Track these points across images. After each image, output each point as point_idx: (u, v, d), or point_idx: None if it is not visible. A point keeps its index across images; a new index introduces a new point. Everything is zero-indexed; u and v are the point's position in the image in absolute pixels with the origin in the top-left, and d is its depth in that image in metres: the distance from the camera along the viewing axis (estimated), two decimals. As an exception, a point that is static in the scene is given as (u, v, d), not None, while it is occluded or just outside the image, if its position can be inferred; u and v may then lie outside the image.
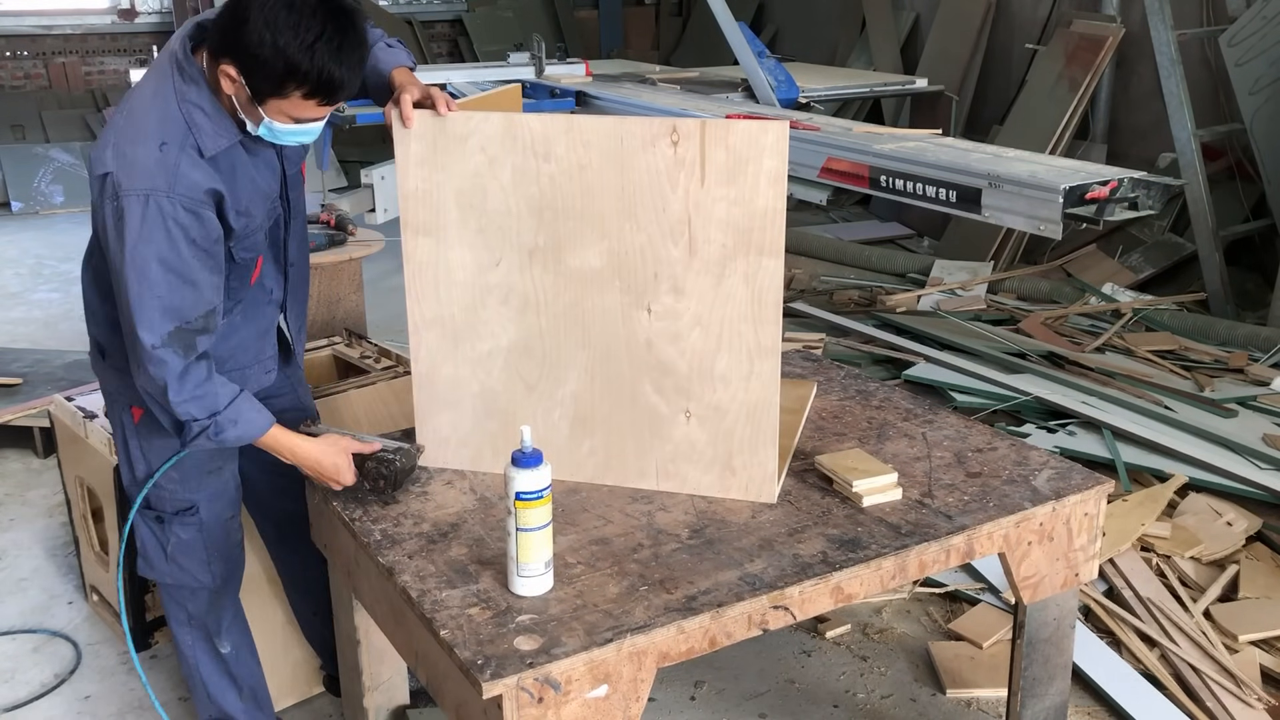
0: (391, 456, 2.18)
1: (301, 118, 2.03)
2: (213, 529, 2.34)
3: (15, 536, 3.65)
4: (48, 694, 2.89)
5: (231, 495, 2.38)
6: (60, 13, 9.11)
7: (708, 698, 2.83)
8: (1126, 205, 4.03)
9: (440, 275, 2.20)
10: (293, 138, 2.08)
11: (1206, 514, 3.48)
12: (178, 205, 1.97)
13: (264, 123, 2.03)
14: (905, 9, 8.18)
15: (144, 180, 1.97)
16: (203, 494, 2.31)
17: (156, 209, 1.96)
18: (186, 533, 2.32)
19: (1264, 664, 2.85)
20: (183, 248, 1.98)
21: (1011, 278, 5.96)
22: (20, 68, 8.99)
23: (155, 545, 2.34)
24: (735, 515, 2.12)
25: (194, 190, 1.99)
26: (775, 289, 2.05)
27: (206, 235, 2.02)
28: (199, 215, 2.00)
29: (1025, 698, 2.39)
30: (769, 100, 5.86)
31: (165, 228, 1.96)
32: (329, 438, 2.23)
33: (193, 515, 2.31)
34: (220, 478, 2.34)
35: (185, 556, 2.34)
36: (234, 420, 2.10)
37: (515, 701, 1.67)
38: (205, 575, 2.36)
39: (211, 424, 2.07)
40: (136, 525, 2.33)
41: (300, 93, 1.96)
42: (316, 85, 1.95)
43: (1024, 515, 2.16)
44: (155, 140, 1.99)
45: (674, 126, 2.00)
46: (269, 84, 1.96)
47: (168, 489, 2.29)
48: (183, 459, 2.27)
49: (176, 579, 2.36)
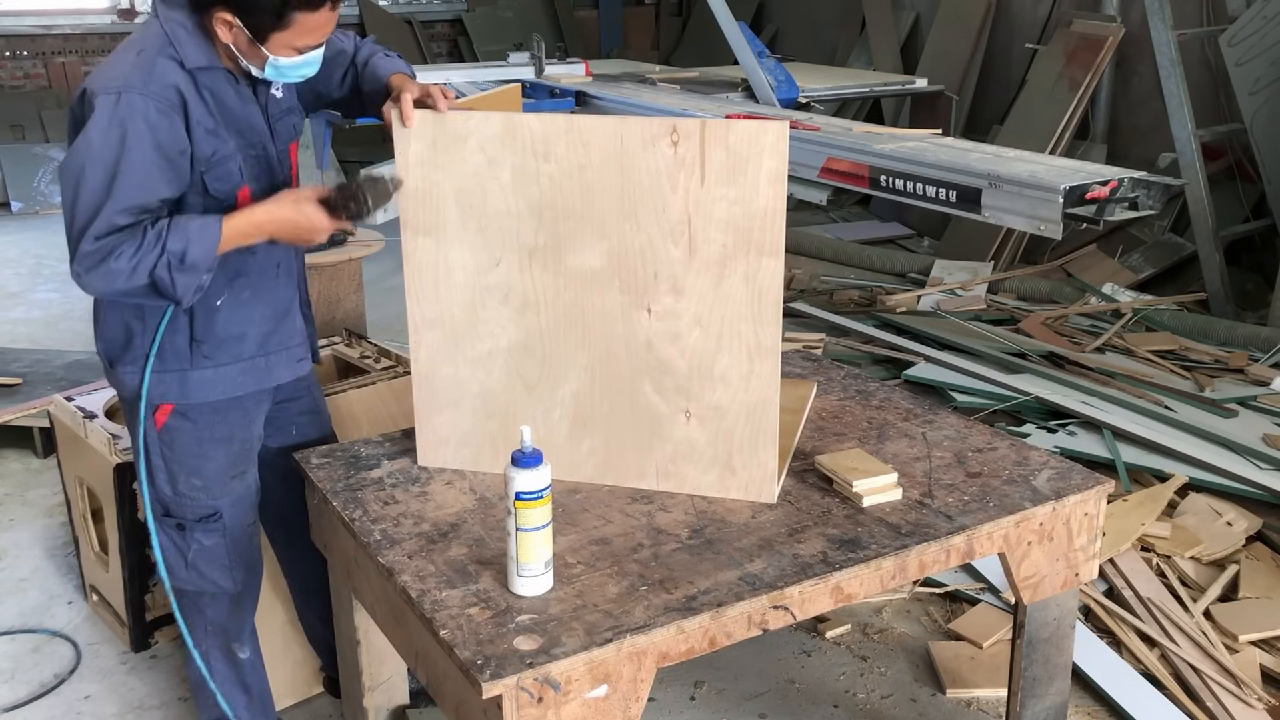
0: (356, 183, 2.10)
1: (305, 45, 2.04)
2: (236, 534, 2.33)
3: (15, 536, 3.65)
4: (47, 694, 2.89)
5: (253, 499, 2.38)
6: (60, 13, 9.10)
7: (708, 698, 2.83)
8: (1126, 205, 4.03)
9: (440, 275, 2.20)
10: (298, 71, 2.09)
11: (1206, 514, 3.48)
12: (150, 103, 1.94)
13: (269, 61, 2.03)
14: (905, 9, 8.18)
15: (117, 80, 1.95)
16: (226, 499, 2.30)
17: (128, 105, 1.93)
18: (210, 539, 2.30)
19: (1264, 664, 2.85)
20: (148, 149, 1.95)
21: (1011, 278, 5.96)
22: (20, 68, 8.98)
23: (176, 553, 2.31)
24: (735, 515, 2.12)
25: (168, 91, 1.97)
26: (775, 289, 2.05)
27: (174, 142, 1.99)
28: (171, 119, 1.97)
29: (1025, 698, 2.39)
30: (769, 100, 5.86)
31: (134, 124, 1.93)
32: (284, 192, 2.13)
33: (216, 521, 2.30)
34: (244, 482, 2.33)
35: (207, 563, 2.32)
36: (184, 238, 1.99)
37: (515, 701, 1.67)
38: (227, 581, 2.35)
39: (167, 258, 1.97)
40: (156, 534, 2.28)
41: (298, 12, 1.97)
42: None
43: (1024, 515, 2.16)
44: (134, 50, 2.00)
45: (674, 126, 2.00)
46: (268, 17, 1.96)
47: (190, 496, 2.27)
48: (203, 467, 2.24)
49: (197, 585, 2.34)
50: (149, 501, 2.28)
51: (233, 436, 2.28)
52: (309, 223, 2.11)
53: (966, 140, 5.20)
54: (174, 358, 2.19)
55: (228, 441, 2.28)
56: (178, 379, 2.20)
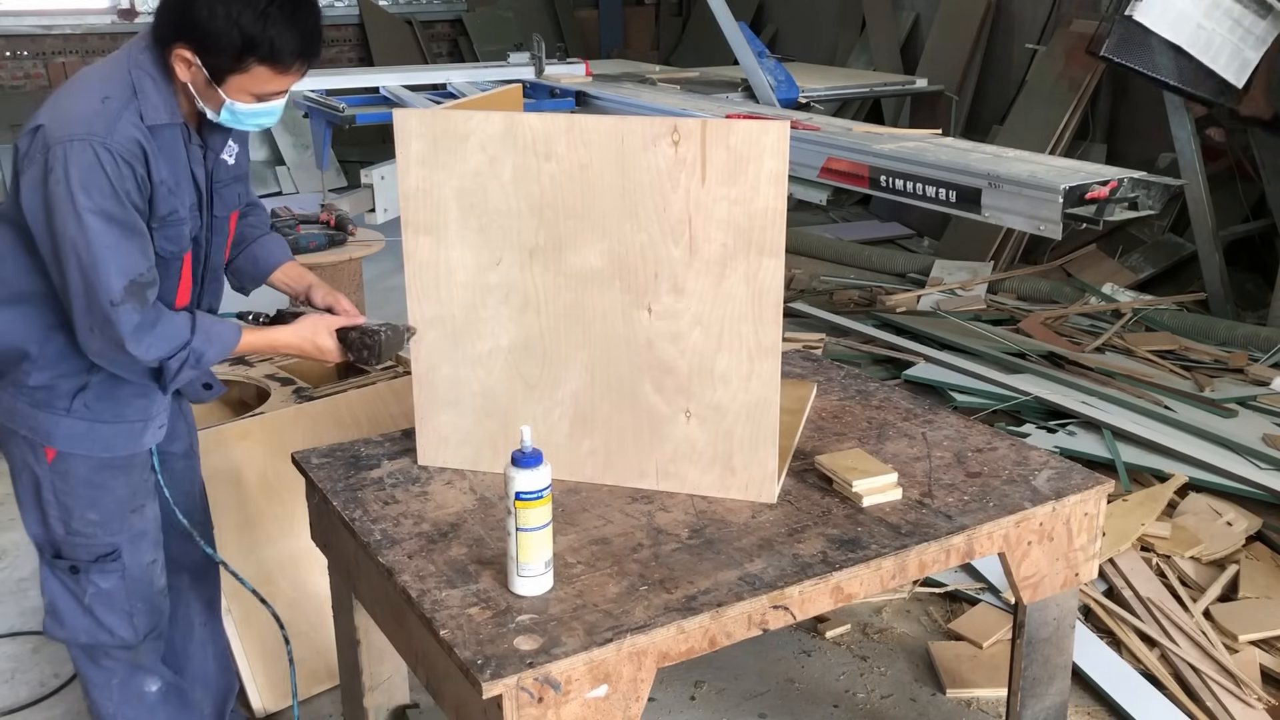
0: (377, 328, 2.17)
1: (264, 93, 1.98)
2: (135, 575, 2.18)
3: (15, 537, 3.65)
4: (48, 696, 2.89)
5: (154, 536, 2.23)
6: (60, 13, 9.10)
7: (708, 698, 2.83)
8: (1126, 205, 4.03)
9: (440, 274, 2.20)
10: (255, 120, 2.02)
11: (1206, 514, 3.48)
12: (116, 155, 1.88)
13: (225, 105, 1.97)
14: (905, 9, 8.18)
15: (81, 127, 1.87)
16: (124, 536, 2.15)
17: (93, 156, 1.86)
18: (107, 581, 2.15)
19: (1264, 664, 2.85)
20: (122, 198, 1.89)
21: (1011, 278, 5.96)
22: (20, 68, 8.98)
23: (69, 599, 2.15)
24: (735, 515, 2.12)
25: (130, 144, 1.90)
26: (775, 289, 2.05)
27: (140, 192, 1.93)
28: (134, 169, 1.91)
29: (1025, 698, 2.39)
30: (769, 100, 5.86)
31: (105, 175, 1.87)
32: (307, 319, 2.17)
33: (114, 561, 2.14)
34: (143, 517, 2.19)
35: (105, 609, 2.16)
36: (207, 339, 2.01)
37: (515, 701, 1.67)
38: (127, 630, 2.19)
39: (188, 354, 1.98)
40: (45, 580, 2.16)
41: (259, 63, 1.92)
42: (273, 51, 1.91)
43: (1024, 515, 2.16)
44: (98, 94, 1.92)
45: (675, 126, 2.00)
46: (227, 59, 1.91)
47: (85, 534, 2.12)
48: (100, 498, 2.11)
49: (93, 636, 2.18)
50: (37, 544, 2.15)
51: (132, 463, 2.16)
52: (320, 355, 2.17)
53: (966, 140, 5.20)
54: (54, 397, 2.06)
55: (126, 470, 2.15)
56: (50, 422, 2.07)
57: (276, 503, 2.84)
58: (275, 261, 2.36)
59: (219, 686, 2.56)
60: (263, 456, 2.87)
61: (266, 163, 8.75)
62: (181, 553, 2.40)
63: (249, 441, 2.88)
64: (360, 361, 2.18)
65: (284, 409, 3.00)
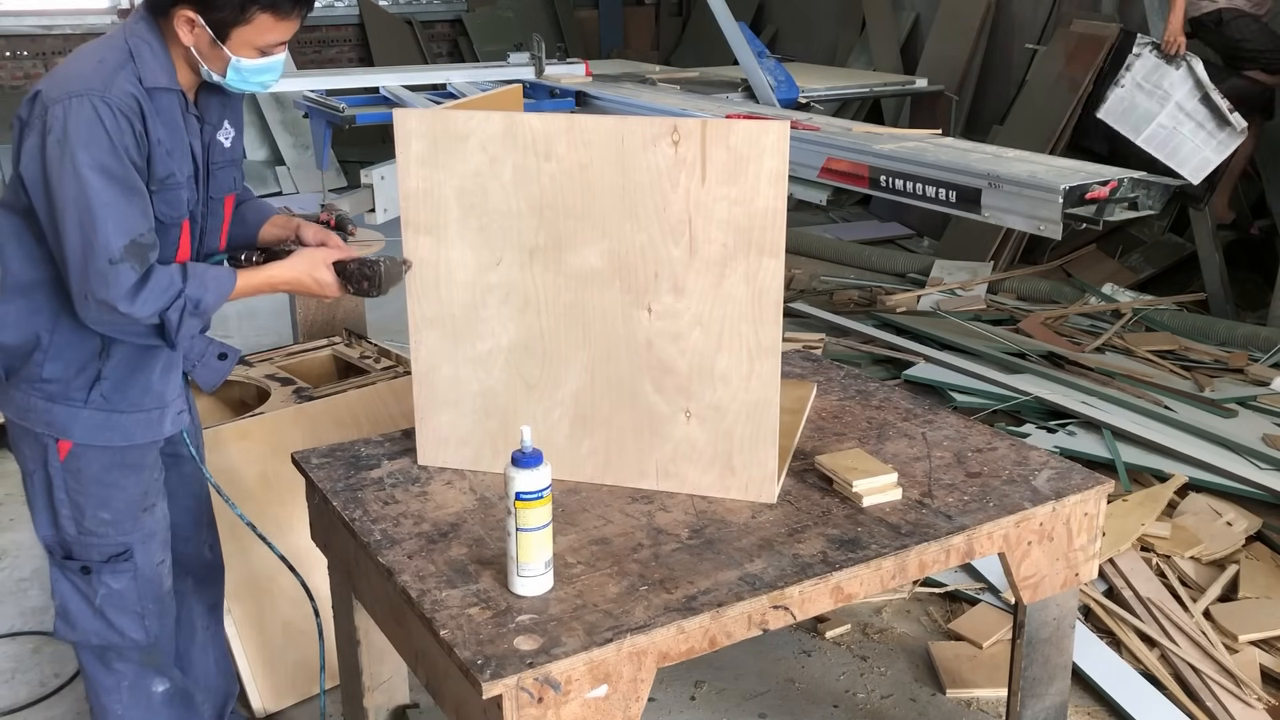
0: (376, 259, 2.16)
1: (267, 44, 2.00)
2: (147, 575, 2.19)
3: (16, 537, 3.65)
4: (49, 696, 2.89)
5: (164, 537, 2.24)
6: (60, 13, 9.10)
7: (708, 698, 2.83)
8: (1126, 205, 4.03)
9: (441, 274, 2.20)
10: (259, 77, 2.04)
11: (1206, 514, 3.48)
12: (114, 108, 1.88)
13: (230, 64, 1.99)
14: (905, 9, 8.18)
15: (78, 84, 1.88)
16: (136, 535, 2.16)
17: (91, 110, 1.86)
18: (119, 582, 2.15)
19: (1264, 664, 2.85)
20: (121, 155, 1.89)
21: (1011, 278, 5.96)
22: (20, 68, 8.98)
23: (80, 601, 2.15)
24: (735, 515, 2.12)
25: (128, 99, 1.91)
26: (775, 289, 2.05)
27: (138, 149, 1.93)
28: (132, 124, 1.91)
29: (1025, 698, 2.39)
30: (769, 100, 5.86)
31: (104, 129, 1.87)
32: (303, 253, 2.16)
33: (126, 561, 2.15)
34: (154, 516, 2.20)
35: (116, 610, 2.17)
36: (202, 285, 1.99)
37: (515, 701, 1.67)
38: (138, 631, 2.20)
39: (184, 301, 1.96)
40: (55, 582, 2.15)
41: (262, 10, 1.94)
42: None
43: (1024, 515, 2.16)
44: (94, 58, 1.94)
45: (675, 126, 2.00)
46: (231, 11, 1.93)
47: (97, 533, 2.12)
48: (112, 497, 2.10)
49: (104, 638, 2.18)
50: (47, 546, 2.14)
51: (144, 461, 2.17)
52: (320, 288, 2.15)
53: (966, 140, 5.20)
54: (70, 389, 2.07)
55: (138, 468, 2.16)
56: (68, 415, 2.07)
57: (276, 503, 2.84)
58: (263, 217, 2.34)
59: (219, 690, 2.56)
60: (262, 456, 2.88)
61: (266, 163, 8.74)
62: (187, 556, 2.41)
63: (249, 441, 2.88)
64: (360, 293, 2.15)
65: (284, 409, 3.01)
